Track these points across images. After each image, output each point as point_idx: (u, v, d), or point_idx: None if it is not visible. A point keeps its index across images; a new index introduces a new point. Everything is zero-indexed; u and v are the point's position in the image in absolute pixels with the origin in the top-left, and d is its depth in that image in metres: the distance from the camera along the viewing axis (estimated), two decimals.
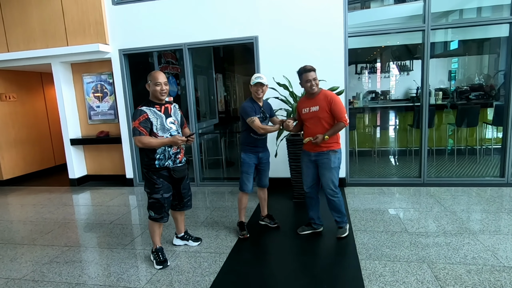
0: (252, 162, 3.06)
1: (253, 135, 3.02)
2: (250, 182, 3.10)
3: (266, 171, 3.20)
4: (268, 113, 3.10)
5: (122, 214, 4.00)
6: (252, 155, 3.06)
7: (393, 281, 2.27)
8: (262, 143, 3.11)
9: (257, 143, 3.06)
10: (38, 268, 2.75)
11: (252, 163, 3.07)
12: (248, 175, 3.07)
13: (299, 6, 4.26)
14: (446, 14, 5.10)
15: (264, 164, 3.15)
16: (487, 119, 5.64)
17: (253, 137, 3.03)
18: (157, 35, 4.71)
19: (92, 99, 5.45)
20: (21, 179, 5.97)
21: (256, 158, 3.08)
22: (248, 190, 3.10)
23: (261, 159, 3.10)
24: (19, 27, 5.03)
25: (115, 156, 5.50)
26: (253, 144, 3.05)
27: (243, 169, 3.07)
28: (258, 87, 2.93)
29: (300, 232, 3.13)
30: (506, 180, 4.26)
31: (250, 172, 3.07)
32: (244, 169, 3.07)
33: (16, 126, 5.89)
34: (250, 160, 3.06)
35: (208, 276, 2.46)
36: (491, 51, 6.40)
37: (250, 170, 3.07)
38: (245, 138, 3.07)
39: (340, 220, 2.98)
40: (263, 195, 3.33)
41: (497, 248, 2.65)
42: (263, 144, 3.12)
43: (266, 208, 3.39)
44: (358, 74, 7.46)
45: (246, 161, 3.05)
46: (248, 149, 3.06)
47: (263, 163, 3.13)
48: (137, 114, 2.48)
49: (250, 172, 3.07)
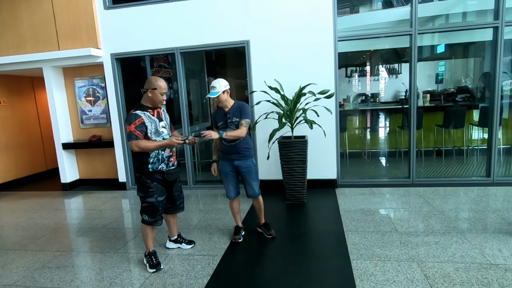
0: (227, 170, 2.98)
1: (224, 142, 2.95)
2: (231, 190, 3.03)
3: (249, 181, 2.99)
4: (236, 117, 2.88)
5: (115, 218, 3.99)
6: (227, 163, 2.98)
7: (383, 280, 2.32)
8: (235, 150, 2.92)
9: (229, 150, 2.93)
10: (29, 273, 2.72)
11: (228, 171, 2.98)
12: (227, 183, 3.02)
13: (290, 11, 4.33)
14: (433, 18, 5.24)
15: (244, 173, 2.96)
16: (473, 120, 5.78)
17: (224, 144, 2.95)
18: (149, 39, 4.73)
19: (84, 103, 5.42)
20: (12, 184, 5.90)
21: (231, 166, 2.96)
22: (230, 197, 3.06)
23: (238, 167, 2.95)
24: (9, 31, 4.99)
25: (107, 160, 5.48)
26: (226, 151, 2.96)
27: (222, 177, 3.07)
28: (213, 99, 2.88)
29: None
30: (492, 180, 4.38)
31: (228, 181, 3.01)
32: (222, 177, 3.05)
33: (7, 130, 5.83)
34: (225, 168, 2.99)
35: (202, 279, 2.48)
36: (476, 55, 6.58)
37: (226, 178, 3.01)
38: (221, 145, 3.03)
39: None
40: (256, 204, 3.17)
41: (484, 246, 2.72)
42: (236, 151, 2.92)
43: (262, 217, 3.25)
44: (348, 77, 7.58)
45: (222, 170, 3.02)
46: (223, 156, 3.01)
47: (242, 171, 2.96)
48: (132, 118, 2.47)
49: (227, 180, 3.01)
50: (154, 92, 2.52)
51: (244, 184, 3.05)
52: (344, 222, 3.39)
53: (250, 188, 3.03)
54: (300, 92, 4.00)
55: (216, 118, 2.98)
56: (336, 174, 4.59)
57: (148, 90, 2.53)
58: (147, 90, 2.53)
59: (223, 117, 2.92)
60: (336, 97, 4.36)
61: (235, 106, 2.91)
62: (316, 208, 3.93)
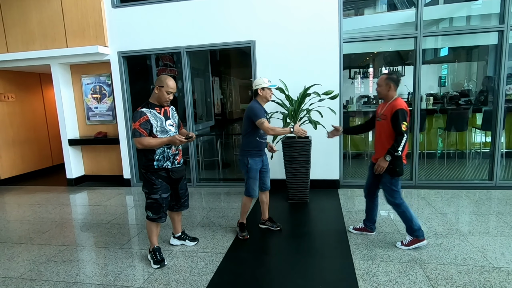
0: (258, 167, 3.04)
1: (259, 139, 2.98)
2: (258, 187, 3.09)
3: (268, 173, 3.18)
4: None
5: (120, 214, 4.03)
6: (258, 160, 3.03)
7: (386, 281, 2.33)
8: (265, 146, 3.11)
9: (261, 147, 3.03)
10: (35, 267, 2.76)
11: (259, 168, 3.04)
12: (256, 180, 3.04)
13: (296, 13, 4.35)
14: (437, 22, 5.24)
15: (266, 166, 3.15)
16: (476, 124, 5.77)
17: (258, 141, 2.99)
18: (156, 38, 4.77)
19: (91, 100, 5.48)
20: (18, 179, 5.97)
21: (261, 162, 3.07)
22: (256, 195, 3.09)
23: (264, 162, 3.10)
24: (19, 28, 5.06)
25: (112, 156, 5.53)
26: (258, 148, 3.01)
27: (251, 175, 3.01)
28: (272, 91, 2.97)
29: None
30: (494, 183, 4.38)
31: (257, 177, 3.05)
32: (252, 175, 3.01)
33: (15, 126, 5.90)
34: (257, 166, 3.02)
35: (205, 276, 2.50)
36: (479, 58, 6.57)
37: (257, 175, 3.05)
38: (250, 142, 2.99)
39: None
40: (265, 198, 3.28)
41: (487, 249, 2.72)
42: (264, 147, 3.11)
43: (267, 211, 3.34)
44: (351, 79, 7.58)
45: (253, 167, 2.99)
46: (254, 154, 2.99)
47: (265, 165, 3.13)
48: (137, 115, 2.50)
49: (257, 177, 3.05)
50: (161, 90, 2.54)
51: (264, 177, 3.16)
52: (347, 223, 3.41)
53: (268, 180, 3.19)
54: (305, 93, 4.03)
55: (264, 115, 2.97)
56: (339, 175, 4.61)
57: (156, 87, 2.57)
58: (155, 87, 2.57)
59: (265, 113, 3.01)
60: (340, 98, 4.38)
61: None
62: (318, 208, 3.95)
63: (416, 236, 2.77)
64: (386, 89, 2.71)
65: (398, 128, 2.56)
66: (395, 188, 2.72)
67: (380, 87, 2.73)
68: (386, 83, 2.70)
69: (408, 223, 2.77)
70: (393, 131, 2.63)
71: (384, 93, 2.73)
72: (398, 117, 2.56)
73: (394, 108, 2.61)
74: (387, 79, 2.70)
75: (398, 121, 2.56)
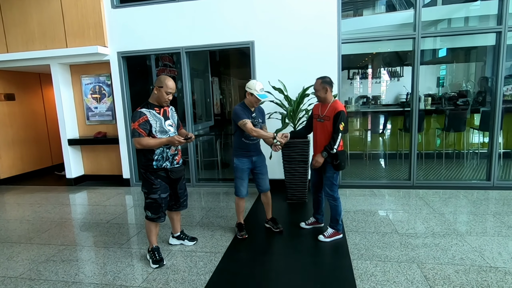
0: (245, 167, 3.01)
1: (245, 140, 2.99)
2: (244, 187, 3.07)
3: (264, 174, 3.12)
4: (260, 119, 3.08)
5: (119, 213, 4.05)
6: (245, 159, 3.01)
7: (384, 280, 2.34)
8: (255, 147, 3.05)
9: (248, 148, 3.00)
10: (34, 266, 2.77)
11: (246, 167, 3.02)
12: (241, 180, 3.02)
13: (295, 13, 4.37)
14: (435, 23, 5.26)
15: (260, 167, 3.08)
16: (474, 124, 5.80)
17: (244, 142, 2.98)
18: (155, 38, 4.78)
19: (90, 100, 5.49)
20: (18, 178, 5.98)
21: (250, 162, 3.02)
22: (242, 195, 3.08)
23: (255, 162, 3.05)
24: (19, 28, 5.06)
25: (112, 156, 5.54)
26: (245, 149, 3.00)
27: (237, 174, 3.02)
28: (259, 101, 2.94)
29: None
30: (492, 184, 4.40)
31: (243, 177, 3.03)
32: (238, 175, 3.02)
33: (14, 126, 5.91)
34: (243, 165, 3.01)
35: (204, 275, 2.51)
36: (477, 59, 6.59)
37: (243, 175, 3.02)
38: (236, 142, 3.02)
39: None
40: (265, 199, 3.24)
41: (484, 249, 2.74)
42: (255, 148, 3.06)
43: (270, 212, 3.30)
44: (350, 79, 7.60)
45: (239, 167, 3.00)
46: (241, 154, 3.01)
47: (258, 166, 3.07)
48: (137, 116, 2.50)
49: (243, 177, 3.02)
50: (160, 90, 2.54)
51: (259, 178, 3.12)
52: (345, 222, 3.43)
53: (265, 181, 3.15)
54: (304, 93, 4.04)
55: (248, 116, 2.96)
56: None
57: (155, 88, 2.57)
58: (155, 87, 2.58)
59: (250, 117, 2.97)
60: (339, 98, 4.37)
61: (258, 109, 3.10)
62: None
63: (337, 229, 3.06)
64: (324, 92, 2.91)
65: (336, 127, 2.80)
66: (335, 182, 2.96)
67: (318, 91, 2.93)
68: (322, 86, 2.90)
69: (336, 217, 3.02)
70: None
71: (323, 96, 2.93)
72: (339, 118, 2.79)
73: (336, 110, 2.83)
74: (322, 82, 2.90)
75: (338, 121, 2.79)
